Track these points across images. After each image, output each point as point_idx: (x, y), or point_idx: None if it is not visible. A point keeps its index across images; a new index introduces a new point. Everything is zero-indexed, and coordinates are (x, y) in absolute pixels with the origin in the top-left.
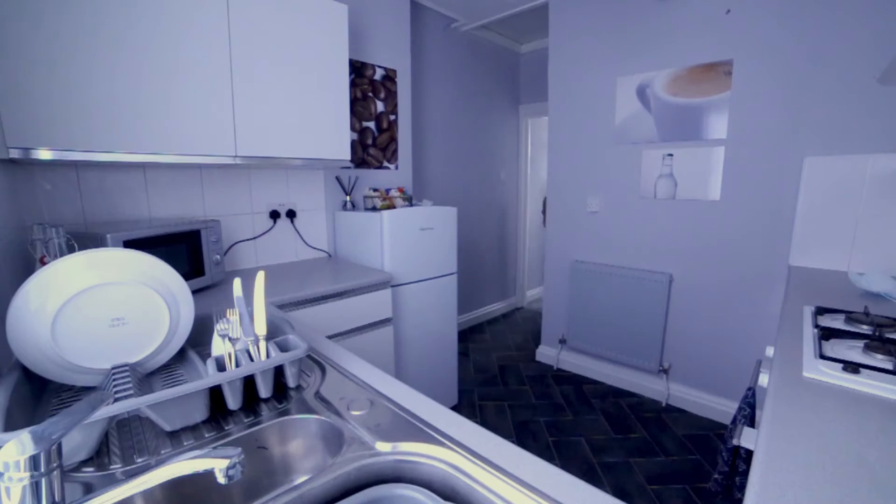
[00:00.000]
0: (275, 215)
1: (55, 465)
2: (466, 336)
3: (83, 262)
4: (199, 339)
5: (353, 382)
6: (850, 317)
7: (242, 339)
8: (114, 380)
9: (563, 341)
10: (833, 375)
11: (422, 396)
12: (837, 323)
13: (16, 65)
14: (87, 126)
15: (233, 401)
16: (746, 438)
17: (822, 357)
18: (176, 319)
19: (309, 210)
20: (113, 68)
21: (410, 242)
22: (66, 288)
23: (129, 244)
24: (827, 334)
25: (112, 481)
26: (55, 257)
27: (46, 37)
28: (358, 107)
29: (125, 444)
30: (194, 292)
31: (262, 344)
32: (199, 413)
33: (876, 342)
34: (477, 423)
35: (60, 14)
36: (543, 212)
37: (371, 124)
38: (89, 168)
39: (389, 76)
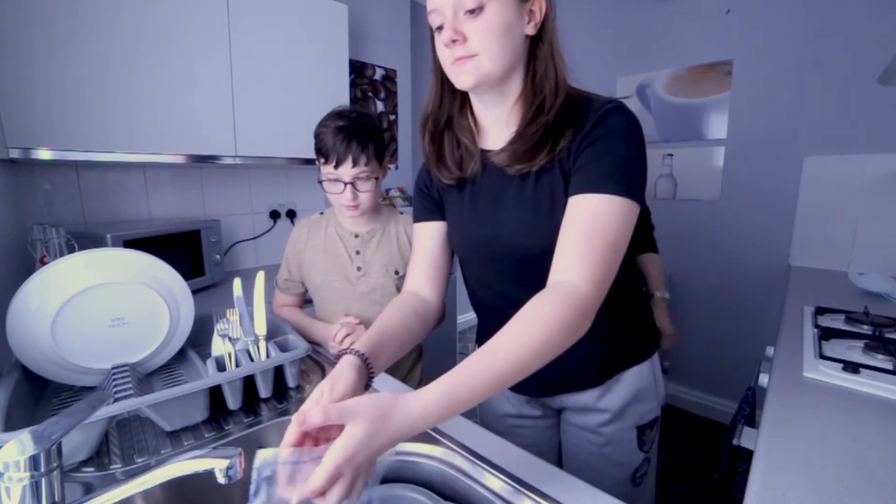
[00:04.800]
0: (275, 215)
1: (55, 465)
2: (466, 336)
3: (83, 262)
4: (199, 339)
5: None
6: (850, 317)
7: (242, 339)
8: (114, 380)
9: None
10: (833, 375)
11: None
12: (837, 323)
13: (16, 65)
14: (87, 126)
15: (233, 401)
16: (746, 438)
17: (822, 357)
18: (176, 319)
19: (309, 210)
20: (113, 68)
21: None
22: (66, 288)
23: (129, 244)
24: (827, 334)
25: (112, 481)
26: (55, 257)
27: (47, 37)
28: (358, 107)
29: (125, 444)
30: (194, 292)
31: (262, 344)
32: (199, 413)
33: (876, 342)
34: (476, 422)
35: (61, 15)
36: None
37: None
38: (89, 168)
39: (389, 76)
